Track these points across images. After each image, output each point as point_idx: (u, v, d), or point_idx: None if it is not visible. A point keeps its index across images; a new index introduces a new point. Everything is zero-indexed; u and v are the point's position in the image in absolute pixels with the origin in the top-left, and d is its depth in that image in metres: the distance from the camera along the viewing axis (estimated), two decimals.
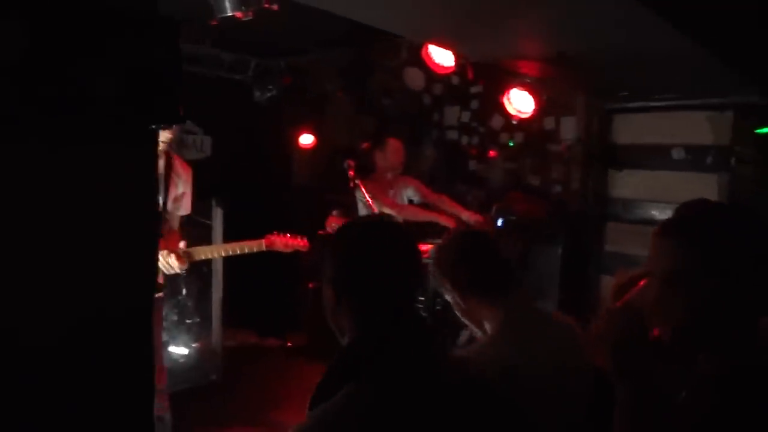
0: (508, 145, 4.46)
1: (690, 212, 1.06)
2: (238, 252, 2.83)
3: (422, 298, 3.23)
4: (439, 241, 3.43)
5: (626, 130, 3.99)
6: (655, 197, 3.77)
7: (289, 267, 4.29)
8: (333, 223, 3.49)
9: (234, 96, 4.79)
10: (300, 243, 2.91)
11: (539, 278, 3.78)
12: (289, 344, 4.51)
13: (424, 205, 3.82)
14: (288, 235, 2.89)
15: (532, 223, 3.78)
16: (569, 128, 4.09)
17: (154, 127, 1.03)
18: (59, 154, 0.87)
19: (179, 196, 2.80)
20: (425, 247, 3.31)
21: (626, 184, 4.02)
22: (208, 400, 3.61)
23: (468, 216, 3.58)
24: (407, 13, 2.46)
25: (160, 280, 2.78)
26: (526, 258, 3.89)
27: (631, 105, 3.88)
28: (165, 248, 2.67)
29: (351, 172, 3.19)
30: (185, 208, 2.85)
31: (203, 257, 2.88)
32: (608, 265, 3.95)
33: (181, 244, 2.74)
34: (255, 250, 2.82)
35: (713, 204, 1.10)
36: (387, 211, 3.65)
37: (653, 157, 3.85)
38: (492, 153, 4.56)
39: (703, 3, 2.35)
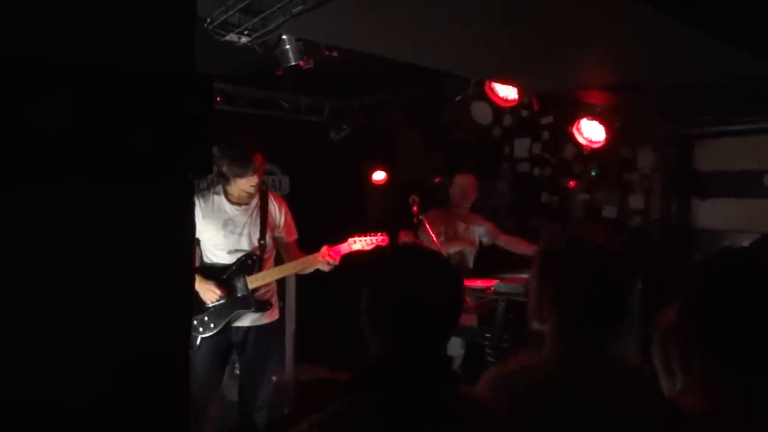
0: (583, 175, 4.33)
1: None
2: (316, 264, 2.95)
3: (488, 335, 3.17)
4: (510, 276, 3.39)
5: (709, 156, 3.76)
6: (744, 227, 3.49)
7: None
8: (404, 239, 3.53)
9: (311, 136, 5.03)
10: (379, 239, 2.96)
11: None
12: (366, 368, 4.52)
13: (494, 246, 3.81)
14: (368, 234, 2.99)
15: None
16: (647, 156, 3.91)
17: (189, 177, 1.11)
18: (101, 204, 0.96)
19: (281, 226, 3.04)
20: (492, 282, 3.26)
21: (712, 213, 3.76)
22: None
23: None
24: (466, 56, 2.50)
25: (275, 308, 3.03)
26: None
27: (713, 130, 3.67)
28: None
29: (415, 208, 3.24)
30: (291, 233, 3.10)
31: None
32: None
33: None
34: (330, 260, 2.91)
35: None
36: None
37: (741, 184, 3.59)
38: (571, 183, 4.44)
39: None
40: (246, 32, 1.75)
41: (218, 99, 4.40)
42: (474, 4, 1.78)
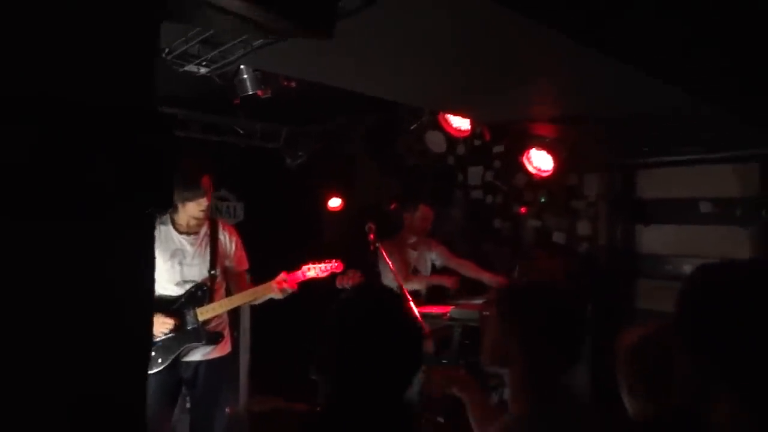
0: (534, 202, 4.48)
1: None
2: (269, 293, 2.89)
3: (444, 361, 3.20)
4: (465, 302, 3.45)
5: (651, 184, 3.96)
6: (685, 252, 3.68)
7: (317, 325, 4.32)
8: (342, 281, 3.51)
9: (266, 163, 5.00)
10: (334, 266, 2.97)
11: None
12: (318, 409, 4.47)
13: (446, 269, 3.87)
14: (323, 261, 2.96)
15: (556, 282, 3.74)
16: (592, 184, 4.09)
17: (149, 211, 1.10)
18: (59, 241, 0.94)
19: (231, 255, 2.96)
20: (448, 308, 3.31)
21: (655, 239, 3.95)
22: None
23: (490, 278, 3.59)
24: (418, 88, 2.59)
25: (227, 341, 2.93)
26: None
27: (654, 160, 3.87)
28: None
29: (371, 236, 3.27)
30: (242, 263, 3.01)
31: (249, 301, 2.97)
32: (642, 323, 3.83)
33: None
34: (287, 287, 2.85)
35: None
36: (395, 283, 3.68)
37: (680, 211, 3.79)
38: (522, 210, 4.57)
39: (712, 65, 2.38)
40: (205, 63, 1.76)
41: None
42: (425, 41, 1.86)
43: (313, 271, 2.94)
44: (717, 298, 0.98)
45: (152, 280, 1.16)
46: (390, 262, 3.31)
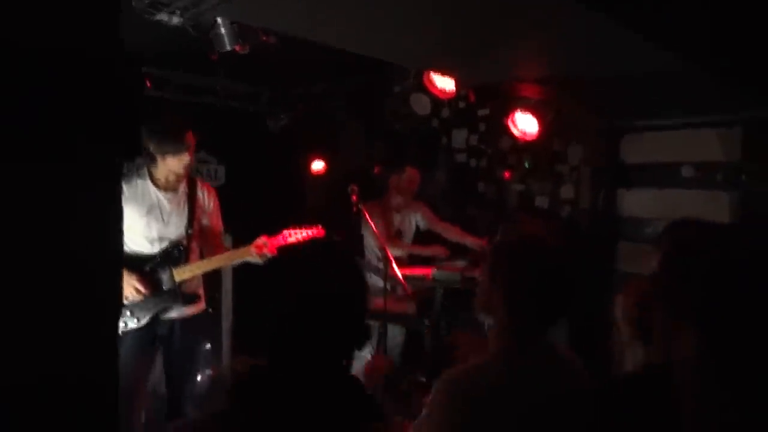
0: (518, 166, 4.47)
1: None
2: (247, 256, 2.83)
3: (426, 322, 3.23)
4: (448, 264, 3.46)
5: (635, 149, 3.96)
6: (665, 215, 3.71)
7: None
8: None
9: (248, 126, 4.92)
10: (315, 232, 2.91)
11: None
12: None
13: (429, 231, 3.87)
14: (303, 227, 2.91)
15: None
16: (577, 148, 4.08)
17: (116, 159, 1.06)
18: (24, 183, 0.90)
19: (208, 214, 2.90)
20: (430, 270, 3.32)
21: (636, 203, 3.97)
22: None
23: (473, 242, 3.60)
24: (402, 44, 2.52)
25: (202, 299, 2.91)
26: None
27: (638, 124, 3.86)
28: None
29: (354, 197, 3.24)
30: (218, 224, 2.95)
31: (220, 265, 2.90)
32: (620, 285, 3.89)
33: None
34: (266, 252, 2.81)
35: None
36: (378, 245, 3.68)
37: (662, 175, 3.80)
38: (507, 174, 4.56)
39: (696, 24, 2.35)
40: (178, 11, 1.68)
41: (148, 84, 4.22)
42: None
43: (293, 236, 2.89)
44: (686, 250, 1.04)
45: (120, 232, 1.12)
46: (372, 224, 3.29)
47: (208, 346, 3.97)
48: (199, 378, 3.96)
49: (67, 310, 0.91)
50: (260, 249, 2.80)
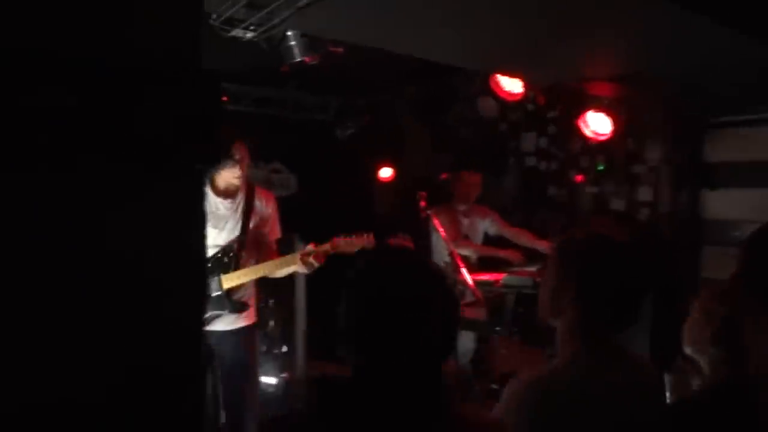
0: (590, 168, 4.32)
1: None
2: (295, 266, 2.76)
3: (498, 328, 3.17)
4: (519, 269, 3.39)
5: (719, 146, 3.73)
6: (754, 217, 3.46)
7: None
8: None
9: (317, 135, 5.05)
10: (366, 240, 2.79)
11: None
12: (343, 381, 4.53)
13: (500, 237, 3.81)
14: (354, 235, 2.79)
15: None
16: (655, 147, 3.89)
17: (197, 166, 1.11)
18: (109, 195, 0.96)
19: (265, 222, 2.87)
20: (501, 275, 3.27)
21: (722, 204, 3.74)
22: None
23: (544, 246, 3.50)
24: (472, 48, 2.50)
25: (252, 311, 2.86)
26: None
27: (723, 119, 3.64)
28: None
29: (422, 203, 3.24)
30: (274, 232, 2.92)
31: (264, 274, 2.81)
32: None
33: None
34: (322, 253, 2.74)
35: None
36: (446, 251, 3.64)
37: (751, 174, 3.56)
38: (579, 177, 4.43)
39: None
40: (251, 27, 1.76)
41: (225, 98, 4.42)
42: None
43: (343, 245, 2.77)
44: None
45: (203, 233, 1.17)
46: (442, 230, 3.28)
47: (285, 348, 4.08)
48: (275, 381, 4.08)
49: (160, 299, 0.96)
50: (305, 258, 2.73)
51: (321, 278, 3.53)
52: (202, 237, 1.21)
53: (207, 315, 2.69)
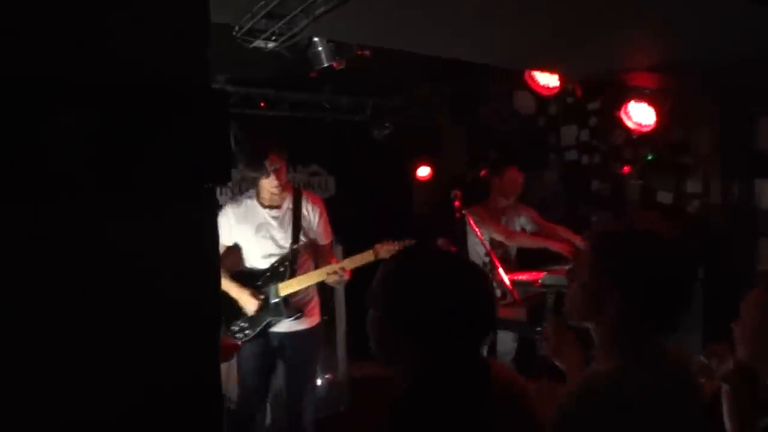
0: (635, 160, 4.16)
1: None
2: (351, 266, 2.89)
3: (538, 329, 3.09)
4: (557, 267, 3.29)
5: None
6: None
7: None
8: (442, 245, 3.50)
9: (354, 136, 5.06)
10: (408, 243, 2.89)
11: None
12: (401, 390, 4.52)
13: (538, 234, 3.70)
14: (395, 241, 2.89)
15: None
16: (703, 137, 3.71)
17: (208, 185, 1.12)
18: (124, 217, 0.98)
19: (315, 228, 2.97)
20: (539, 275, 3.19)
21: None
22: (338, 430, 3.75)
23: (582, 243, 3.38)
24: (501, 46, 2.44)
25: (315, 314, 3.00)
26: None
27: None
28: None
29: (457, 203, 3.19)
30: (325, 236, 3.02)
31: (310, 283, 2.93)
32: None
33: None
34: (366, 261, 2.87)
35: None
36: (496, 237, 3.58)
37: None
38: (626, 169, 4.27)
39: None
40: (273, 37, 1.78)
41: (262, 104, 4.49)
42: None
43: (385, 251, 2.85)
44: None
45: (217, 252, 1.18)
46: (477, 230, 3.23)
47: (327, 351, 4.11)
48: (319, 382, 4.12)
49: (174, 315, 0.97)
50: (331, 276, 2.83)
51: (360, 279, 3.55)
52: (216, 253, 1.22)
53: (268, 320, 2.87)
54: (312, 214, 2.97)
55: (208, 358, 1.03)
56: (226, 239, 2.90)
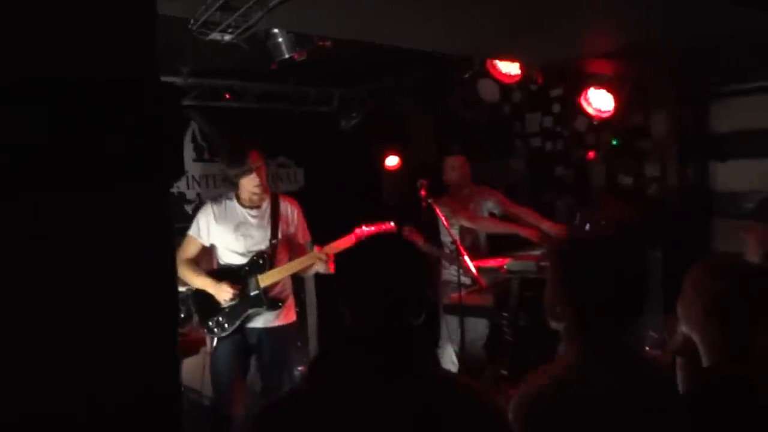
0: (598, 145, 4.25)
1: None
2: (333, 252, 2.93)
3: (505, 314, 3.16)
4: (523, 254, 3.36)
5: (726, 116, 3.64)
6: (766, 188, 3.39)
7: None
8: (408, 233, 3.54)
9: (321, 127, 5.04)
10: (387, 228, 2.99)
11: None
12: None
13: (506, 218, 3.75)
14: (374, 223, 2.98)
15: (624, 227, 3.56)
16: (660, 122, 3.82)
17: (162, 181, 1.12)
18: (78, 213, 0.97)
19: (293, 226, 3.03)
20: (505, 261, 3.25)
21: (733, 175, 3.65)
22: None
23: (549, 227, 3.45)
24: (457, 34, 2.47)
25: (291, 310, 3.02)
26: None
27: (728, 89, 3.54)
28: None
29: (423, 192, 3.23)
30: (304, 235, 3.08)
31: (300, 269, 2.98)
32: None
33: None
34: (347, 246, 2.92)
35: None
36: (464, 224, 3.63)
37: (762, 142, 3.47)
38: (591, 154, 4.36)
39: None
40: (229, 29, 1.76)
41: (227, 95, 4.44)
42: None
43: (366, 233, 2.95)
44: None
45: (171, 246, 1.18)
46: (443, 217, 3.27)
47: (299, 344, 4.12)
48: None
49: (132, 310, 0.98)
50: (322, 257, 2.90)
51: (329, 274, 3.56)
52: (170, 249, 1.22)
53: (247, 312, 2.89)
54: (291, 215, 3.04)
55: (166, 352, 1.03)
56: (204, 238, 2.92)
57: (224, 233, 2.89)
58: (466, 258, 3.05)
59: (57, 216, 0.92)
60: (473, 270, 3.05)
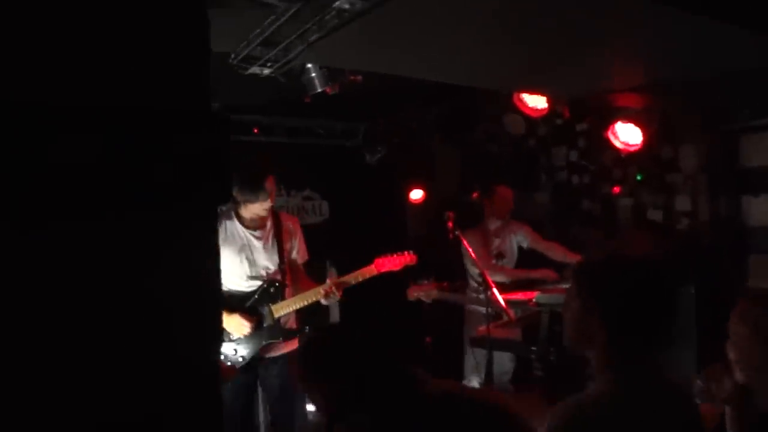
0: (625, 179, 4.22)
1: None
2: (353, 282, 2.91)
3: (534, 348, 3.10)
4: (551, 286, 3.32)
5: (756, 151, 3.60)
6: None
7: (407, 320, 4.35)
8: (414, 292, 3.47)
9: (347, 161, 5.12)
10: (408, 258, 2.95)
11: None
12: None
13: (534, 251, 3.73)
14: (395, 254, 2.94)
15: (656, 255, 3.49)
16: (689, 155, 3.79)
17: (209, 205, 1.15)
18: (130, 237, 1.00)
19: (295, 247, 2.99)
20: (534, 294, 3.21)
21: (766, 210, 3.59)
22: None
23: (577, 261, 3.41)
24: (488, 69, 2.51)
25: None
26: None
27: (758, 123, 3.51)
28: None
29: (450, 224, 3.23)
30: (303, 255, 3.03)
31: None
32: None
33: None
34: (368, 276, 2.90)
35: None
36: (476, 270, 3.59)
37: None
38: (616, 189, 4.33)
39: None
40: (268, 64, 1.82)
41: (255, 130, 4.54)
42: (489, 16, 1.79)
43: (387, 265, 2.92)
44: None
45: (218, 269, 1.20)
46: (471, 250, 3.26)
47: None
48: (313, 407, 4.06)
49: (177, 334, 0.99)
50: (329, 291, 2.83)
51: (355, 303, 3.54)
52: (217, 271, 1.24)
53: (263, 344, 2.83)
54: (293, 233, 2.98)
55: (209, 380, 1.04)
56: None
57: (226, 257, 2.77)
58: (495, 290, 3.02)
59: (107, 240, 0.95)
60: (502, 302, 3.02)
